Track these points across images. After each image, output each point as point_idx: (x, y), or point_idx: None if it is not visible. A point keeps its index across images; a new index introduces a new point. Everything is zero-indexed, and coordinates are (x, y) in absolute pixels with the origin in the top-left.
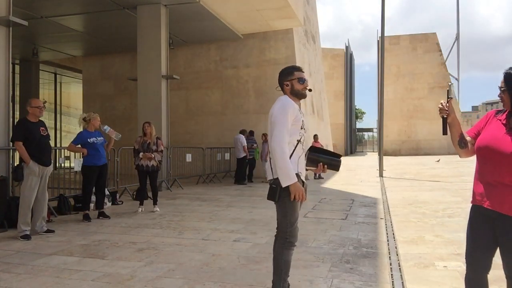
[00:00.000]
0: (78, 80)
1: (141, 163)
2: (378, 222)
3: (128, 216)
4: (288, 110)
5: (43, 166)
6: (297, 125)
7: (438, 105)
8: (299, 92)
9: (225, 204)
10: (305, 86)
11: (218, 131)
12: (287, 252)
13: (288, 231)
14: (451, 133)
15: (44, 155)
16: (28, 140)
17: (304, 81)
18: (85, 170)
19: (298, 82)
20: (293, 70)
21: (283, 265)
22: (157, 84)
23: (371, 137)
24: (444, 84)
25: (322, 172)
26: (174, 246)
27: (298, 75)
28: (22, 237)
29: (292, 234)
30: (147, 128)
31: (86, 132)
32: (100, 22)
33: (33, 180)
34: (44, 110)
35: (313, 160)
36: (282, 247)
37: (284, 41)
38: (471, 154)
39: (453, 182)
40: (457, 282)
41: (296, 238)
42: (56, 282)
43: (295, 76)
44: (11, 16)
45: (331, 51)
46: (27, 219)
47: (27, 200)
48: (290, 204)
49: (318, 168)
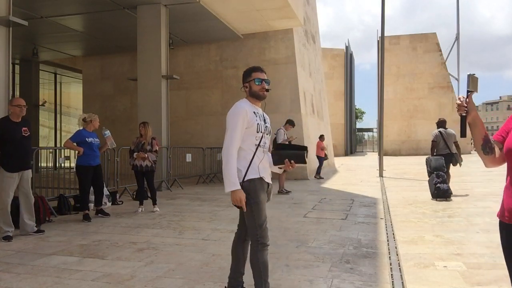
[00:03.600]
0: (78, 80)
1: (135, 163)
2: (378, 222)
3: (128, 216)
4: (239, 116)
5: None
6: (252, 129)
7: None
8: (255, 94)
9: (225, 204)
10: (262, 87)
11: (218, 131)
12: (262, 254)
13: (258, 233)
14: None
15: (23, 156)
16: (4, 140)
17: (261, 82)
18: (81, 170)
19: (255, 83)
20: (251, 71)
21: (261, 267)
22: (157, 84)
23: (371, 137)
24: (444, 84)
25: (290, 168)
26: (174, 246)
27: (255, 76)
28: (3, 238)
29: (262, 235)
30: (142, 129)
31: (84, 131)
32: (100, 22)
33: (7, 182)
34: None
35: (278, 157)
36: (256, 250)
37: (284, 41)
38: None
39: (453, 182)
40: (457, 282)
41: (267, 238)
42: (56, 282)
43: (252, 77)
44: (11, 16)
45: (331, 51)
46: (6, 220)
47: (2, 202)
48: (255, 207)
49: (286, 164)
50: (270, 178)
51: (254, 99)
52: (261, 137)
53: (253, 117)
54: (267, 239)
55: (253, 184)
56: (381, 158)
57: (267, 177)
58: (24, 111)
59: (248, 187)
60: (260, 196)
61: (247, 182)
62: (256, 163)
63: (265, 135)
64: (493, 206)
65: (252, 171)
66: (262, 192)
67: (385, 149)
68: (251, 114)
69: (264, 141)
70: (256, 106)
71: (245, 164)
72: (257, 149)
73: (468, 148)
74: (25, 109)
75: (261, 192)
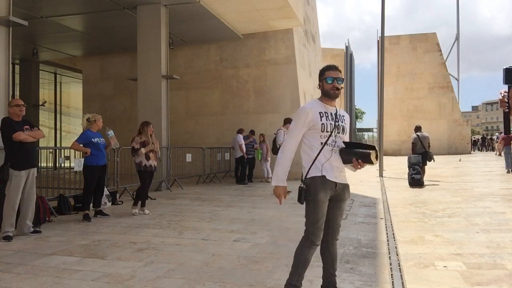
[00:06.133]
0: (78, 80)
1: (149, 164)
2: (378, 222)
3: (128, 216)
4: (298, 117)
5: (28, 166)
6: (316, 129)
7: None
8: (327, 92)
9: (225, 204)
10: (333, 86)
11: (218, 131)
12: (307, 250)
13: (310, 230)
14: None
15: (28, 154)
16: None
17: (332, 80)
18: (88, 170)
19: (326, 81)
20: (325, 69)
21: (301, 261)
22: (157, 84)
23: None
24: (444, 84)
25: (359, 167)
26: (174, 246)
27: (328, 74)
28: (4, 238)
29: (313, 233)
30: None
31: (90, 132)
32: (100, 22)
33: (18, 181)
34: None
35: (345, 156)
36: (304, 244)
37: (284, 41)
38: None
39: (453, 182)
40: (457, 282)
41: (318, 238)
42: (56, 282)
43: (325, 76)
44: (11, 16)
45: (331, 51)
46: (11, 220)
47: (12, 201)
48: (311, 204)
49: (354, 164)
50: (345, 176)
51: (326, 98)
52: (328, 136)
53: (317, 117)
54: (317, 239)
55: (313, 182)
56: (381, 158)
57: (336, 176)
58: (24, 111)
59: (309, 184)
60: (319, 194)
61: (309, 179)
62: (321, 161)
63: (336, 133)
64: (493, 206)
65: (314, 169)
66: (322, 190)
67: (385, 149)
68: (315, 115)
69: (334, 140)
70: (328, 105)
71: (309, 162)
72: (323, 148)
73: (468, 148)
74: (24, 108)
75: (321, 191)
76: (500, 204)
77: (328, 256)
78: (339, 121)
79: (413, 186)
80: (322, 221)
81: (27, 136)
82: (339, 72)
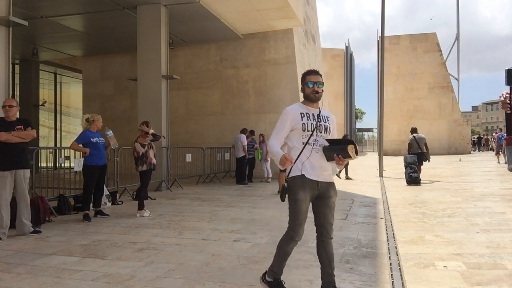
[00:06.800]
0: (78, 80)
1: (153, 162)
2: (378, 222)
3: (128, 216)
4: (283, 116)
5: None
6: (297, 129)
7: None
8: (307, 96)
9: (225, 204)
10: (314, 89)
11: (218, 131)
12: (287, 244)
13: (291, 226)
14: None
15: (15, 155)
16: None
17: (313, 85)
18: (87, 170)
19: (307, 85)
20: (306, 74)
21: (282, 254)
22: (157, 84)
23: (371, 137)
24: (444, 84)
25: (341, 163)
26: (174, 246)
27: (308, 79)
28: None
29: (293, 229)
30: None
31: (89, 132)
32: (100, 22)
33: (3, 182)
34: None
35: (327, 154)
36: (285, 238)
37: (284, 41)
38: None
39: (453, 182)
40: (457, 282)
41: (297, 234)
42: (56, 282)
43: (306, 80)
44: (11, 16)
45: (331, 51)
46: None
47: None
48: (292, 203)
49: (336, 160)
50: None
51: (308, 101)
52: (309, 135)
53: (298, 117)
54: (297, 234)
55: (293, 181)
56: (381, 158)
57: (317, 175)
58: (12, 111)
59: (290, 184)
60: (299, 194)
61: (290, 179)
62: (301, 160)
63: (318, 133)
64: (493, 206)
65: (295, 168)
66: (301, 189)
67: (385, 149)
68: (296, 115)
69: (316, 139)
70: (310, 107)
71: None
72: (304, 147)
73: (468, 148)
74: (11, 109)
75: (300, 190)
76: (500, 204)
77: (325, 255)
78: (322, 121)
79: (410, 184)
80: (302, 218)
81: (9, 137)
82: (319, 76)
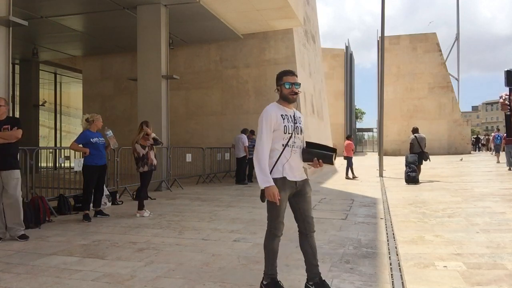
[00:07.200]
0: (78, 80)
1: (155, 162)
2: (378, 222)
3: (128, 216)
4: (264, 119)
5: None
6: (279, 131)
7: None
8: (285, 97)
9: (225, 204)
10: (292, 90)
11: (218, 131)
12: (272, 242)
13: (271, 224)
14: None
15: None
16: None
17: (290, 85)
18: (87, 170)
19: (285, 86)
20: (282, 75)
21: (270, 252)
22: (157, 84)
23: (371, 137)
24: (444, 84)
25: (318, 167)
26: (174, 246)
27: (286, 80)
28: None
29: (274, 227)
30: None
31: (89, 132)
32: (100, 22)
33: None
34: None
35: (308, 155)
36: (268, 237)
37: (284, 41)
38: None
39: (453, 182)
40: (457, 282)
41: (280, 230)
42: (56, 282)
43: (283, 81)
44: (11, 16)
45: (331, 51)
46: None
47: None
48: (273, 203)
49: (314, 163)
50: (303, 172)
51: (285, 101)
52: (289, 137)
53: (280, 120)
54: (278, 230)
55: (275, 183)
56: (381, 158)
57: (295, 176)
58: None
59: None
60: (280, 195)
61: None
62: (282, 162)
63: (296, 134)
64: (493, 206)
65: (276, 171)
66: (282, 191)
67: (385, 149)
68: (278, 117)
69: (294, 140)
70: (287, 108)
71: (271, 164)
72: (284, 149)
73: (468, 148)
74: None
75: (282, 191)
76: (500, 204)
77: (308, 248)
78: (297, 122)
79: (408, 183)
80: (282, 216)
81: None
82: (296, 77)
